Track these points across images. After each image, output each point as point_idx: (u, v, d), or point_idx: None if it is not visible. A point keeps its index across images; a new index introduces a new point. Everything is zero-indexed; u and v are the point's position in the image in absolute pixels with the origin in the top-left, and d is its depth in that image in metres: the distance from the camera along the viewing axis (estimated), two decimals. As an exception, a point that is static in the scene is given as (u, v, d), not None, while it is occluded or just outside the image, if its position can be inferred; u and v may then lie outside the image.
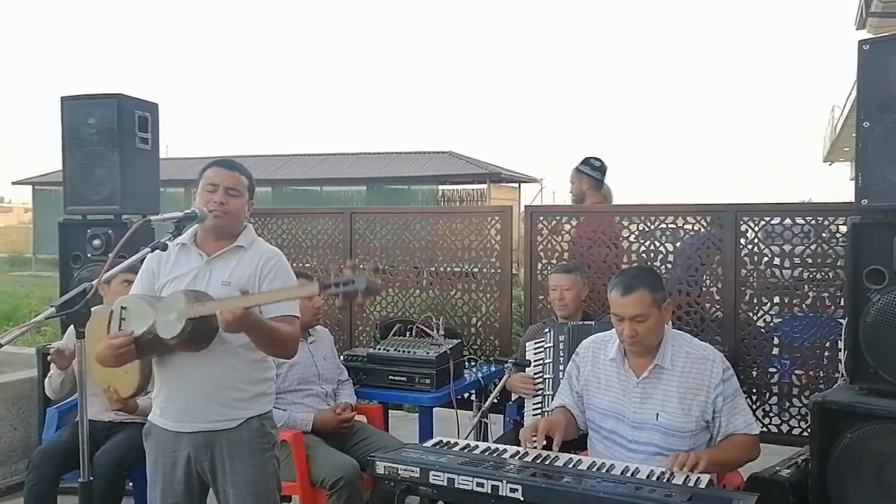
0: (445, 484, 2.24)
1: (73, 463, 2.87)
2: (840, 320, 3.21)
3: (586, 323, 3.51)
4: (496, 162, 23.16)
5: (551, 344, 3.43)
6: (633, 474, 2.27)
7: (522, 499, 2.13)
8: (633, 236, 4.07)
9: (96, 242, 4.17)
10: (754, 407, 3.63)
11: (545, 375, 3.42)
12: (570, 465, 2.36)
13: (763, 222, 3.73)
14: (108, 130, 4.13)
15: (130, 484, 3.37)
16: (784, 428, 3.66)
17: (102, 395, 3.26)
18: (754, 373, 3.70)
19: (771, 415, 3.70)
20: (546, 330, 3.52)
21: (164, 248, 2.36)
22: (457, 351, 3.92)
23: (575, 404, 2.80)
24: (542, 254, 4.21)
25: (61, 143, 4.24)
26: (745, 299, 3.73)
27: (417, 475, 2.29)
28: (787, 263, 3.66)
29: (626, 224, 4.08)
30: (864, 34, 11.28)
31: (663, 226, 3.95)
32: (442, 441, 2.61)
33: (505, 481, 2.16)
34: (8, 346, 2.16)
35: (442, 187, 21.83)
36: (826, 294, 3.62)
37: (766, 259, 3.69)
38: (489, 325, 4.44)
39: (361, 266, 1.98)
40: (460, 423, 3.63)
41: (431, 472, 2.27)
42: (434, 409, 3.89)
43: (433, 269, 4.55)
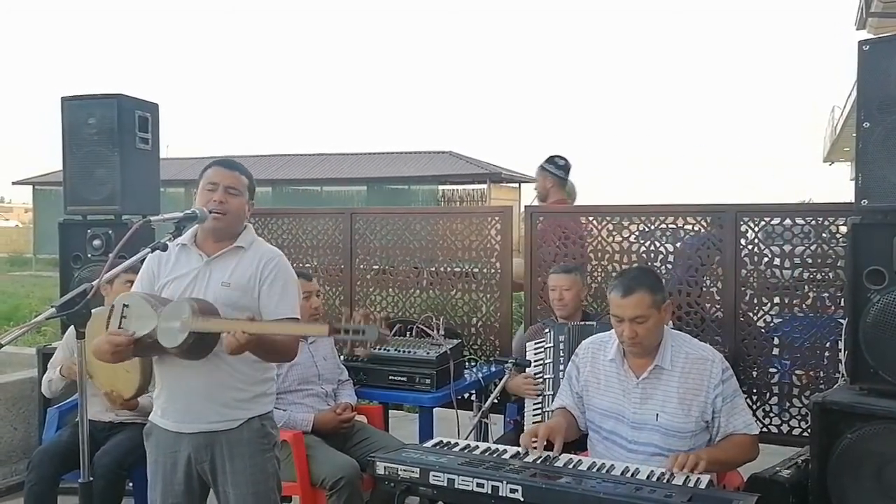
0: (445, 484, 2.24)
1: (74, 463, 2.87)
2: (840, 320, 3.21)
3: (587, 323, 3.51)
4: (496, 162, 23.17)
5: (551, 344, 3.43)
6: (633, 475, 2.28)
7: (522, 499, 2.13)
8: (633, 236, 4.07)
9: (96, 243, 4.17)
10: (754, 407, 3.63)
11: (545, 376, 3.42)
12: (570, 466, 2.37)
13: (763, 222, 3.73)
14: (109, 130, 4.13)
15: (130, 484, 3.37)
16: (784, 428, 3.66)
17: (103, 396, 3.27)
18: (754, 373, 3.70)
19: (771, 415, 3.70)
20: (546, 330, 3.52)
21: (164, 248, 2.36)
22: (457, 351, 3.91)
23: (575, 405, 2.80)
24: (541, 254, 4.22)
25: (61, 144, 4.24)
26: (746, 300, 3.73)
27: (417, 475, 2.29)
28: (788, 264, 3.66)
29: (626, 224, 4.08)
30: (864, 34, 11.31)
31: (663, 226, 3.95)
32: (442, 441, 2.61)
33: (505, 482, 2.16)
34: (8, 346, 2.16)
35: (442, 187, 21.79)
36: (826, 294, 3.62)
37: (766, 259, 3.69)
38: (489, 325, 4.44)
39: (372, 316, 1.98)
40: (460, 423, 3.62)
41: (431, 473, 2.27)
42: (434, 410, 3.89)
43: (433, 270, 4.55)
